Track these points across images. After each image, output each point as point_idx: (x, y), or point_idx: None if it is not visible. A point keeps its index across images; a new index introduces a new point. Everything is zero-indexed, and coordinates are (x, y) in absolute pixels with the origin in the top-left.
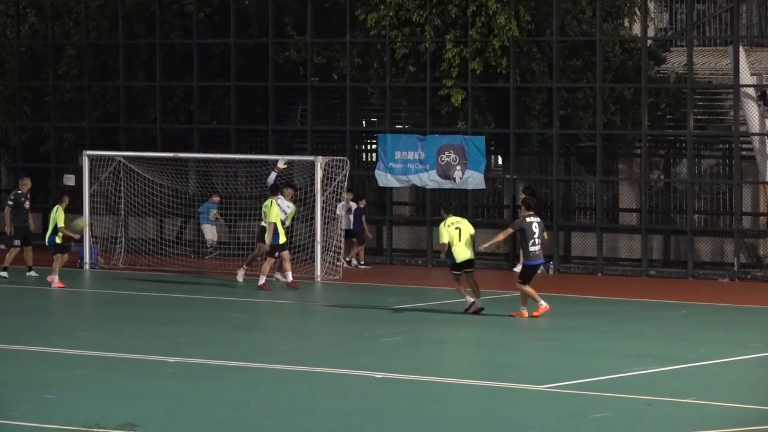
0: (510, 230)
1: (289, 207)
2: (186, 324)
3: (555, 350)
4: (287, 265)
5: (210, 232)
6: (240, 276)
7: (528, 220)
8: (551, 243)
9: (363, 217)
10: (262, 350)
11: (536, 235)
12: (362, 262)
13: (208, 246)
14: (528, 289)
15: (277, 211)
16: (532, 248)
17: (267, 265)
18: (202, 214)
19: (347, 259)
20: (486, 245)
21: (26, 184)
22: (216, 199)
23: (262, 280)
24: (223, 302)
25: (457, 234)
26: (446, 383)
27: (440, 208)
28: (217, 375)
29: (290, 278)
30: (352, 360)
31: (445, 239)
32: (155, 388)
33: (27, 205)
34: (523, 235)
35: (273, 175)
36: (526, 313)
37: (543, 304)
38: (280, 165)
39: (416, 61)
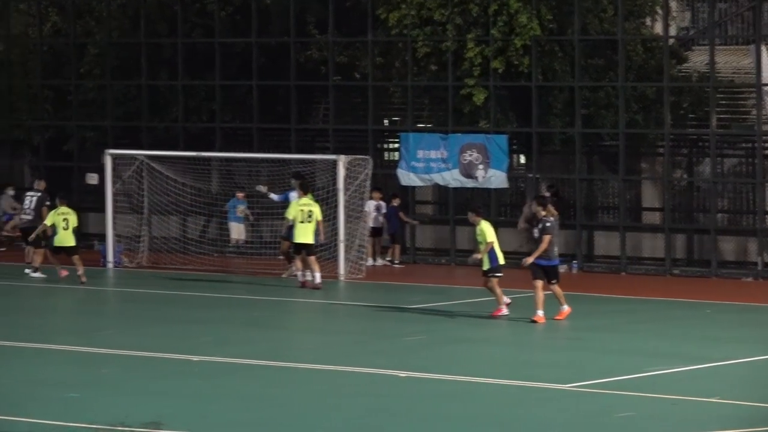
0: (549, 236)
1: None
2: (209, 323)
3: (579, 349)
4: (299, 264)
5: (236, 231)
6: (299, 274)
7: (554, 220)
8: (575, 242)
9: (401, 214)
10: (285, 349)
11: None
12: (397, 261)
13: (232, 244)
14: (557, 289)
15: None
16: (555, 248)
17: (315, 263)
18: (230, 211)
19: (389, 258)
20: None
21: (43, 184)
22: (240, 195)
23: (317, 278)
24: (247, 301)
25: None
26: (469, 382)
27: (470, 211)
28: (240, 373)
29: (301, 278)
30: (375, 359)
31: (492, 238)
32: (180, 387)
33: None
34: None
35: (273, 196)
36: (568, 309)
37: (540, 313)
38: (263, 190)
39: (438, 60)
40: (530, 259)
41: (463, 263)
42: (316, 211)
